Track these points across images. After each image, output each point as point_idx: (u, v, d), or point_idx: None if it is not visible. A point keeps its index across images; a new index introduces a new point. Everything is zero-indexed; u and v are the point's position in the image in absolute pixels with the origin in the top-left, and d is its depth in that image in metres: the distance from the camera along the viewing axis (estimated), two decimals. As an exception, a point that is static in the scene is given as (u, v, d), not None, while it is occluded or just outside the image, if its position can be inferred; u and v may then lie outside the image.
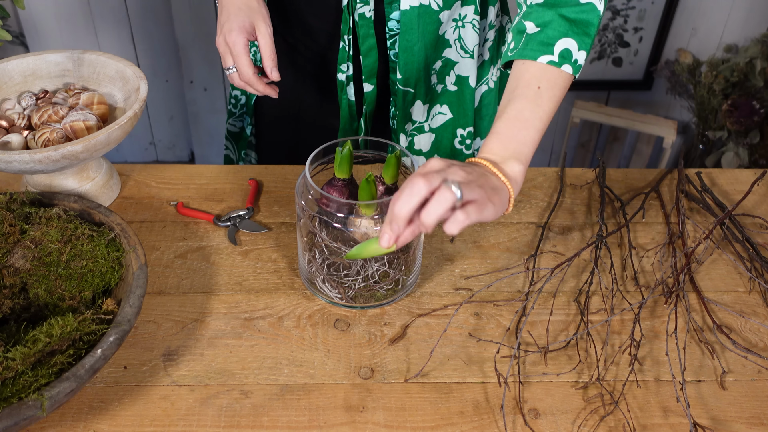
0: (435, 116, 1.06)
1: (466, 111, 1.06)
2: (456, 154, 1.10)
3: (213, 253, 0.89)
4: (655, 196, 1.02)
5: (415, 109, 1.04)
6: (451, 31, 0.99)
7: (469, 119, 1.07)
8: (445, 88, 1.04)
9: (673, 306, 0.83)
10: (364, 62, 1.00)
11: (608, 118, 2.30)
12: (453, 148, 1.09)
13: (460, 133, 1.08)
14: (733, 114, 2.13)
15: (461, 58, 1.01)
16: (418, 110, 1.05)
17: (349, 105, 1.05)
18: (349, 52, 1.00)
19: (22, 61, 0.95)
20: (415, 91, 1.02)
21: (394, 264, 0.79)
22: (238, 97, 1.20)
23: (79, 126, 0.86)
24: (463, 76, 1.03)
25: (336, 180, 0.79)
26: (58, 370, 0.65)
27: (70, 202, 0.82)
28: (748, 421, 0.72)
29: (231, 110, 1.23)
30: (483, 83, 1.07)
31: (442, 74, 1.02)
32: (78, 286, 0.75)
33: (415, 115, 1.05)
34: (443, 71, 1.02)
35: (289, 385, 0.74)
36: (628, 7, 2.22)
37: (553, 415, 0.72)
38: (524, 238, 0.94)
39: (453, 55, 1.01)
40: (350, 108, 1.05)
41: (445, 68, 1.02)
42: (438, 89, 1.04)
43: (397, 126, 1.05)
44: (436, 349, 0.78)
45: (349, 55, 1.00)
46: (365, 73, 1.01)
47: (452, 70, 1.02)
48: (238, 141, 1.26)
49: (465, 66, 1.02)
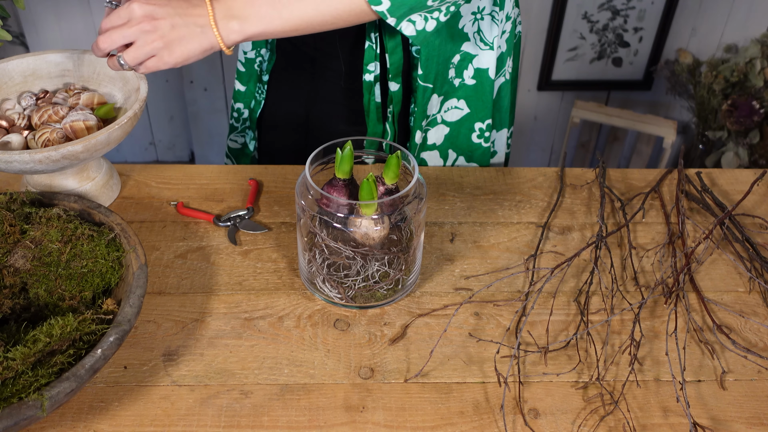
0: (450, 110, 1.06)
1: (485, 103, 1.05)
2: (474, 149, 1.09)
3: (213, 253, 0.89)
4: (655, 196, 1.02)
5: (431, 103, 1.04)
6: (470, 24, 0.99)
7: (489, 111, 1.06)
8: (463, 82, 1.03)
9: (673, 306, 0.83)
10: (391, 60, 0.99)
11: (608, 118, 2.30)
12: (470, 143, 1.09)
13: (479, 127, 1.08)
14: (733, 114, 2.13)
15: (480, 51, 1.01)
16: (434, 103, 1.04)
17: (375, 106, 1.04)
18: (377, 51, 0.99)
19: (22, 61, 0.95)
20: (433, 86, 1.02)
21: (394, 264, 0.79)
22: (240, 111, 1.19)
23: (79, 126, 0.86)
24: (483, 68, 1.03)
25: (336, 180, 0.79)
26: (58, 370, 0.65)
27: (70, 202, 0.82)
28: (748, 421, 0.72)
29: (233, 125, 1.21)
30: (501, 75, 1.07)
31: (460, 68, 1.02)
32: (78, 286, 0.75)
33: (430, 109, 1.05)
34: (461, 65, 1.02)
35: (289, 385, 0.74)
36: (628, 7, 2.22)
37: (553, 415, 0.72)
38: (524, 238, 0.94)
39: (471, 49, 1.01)
40: (377, 110, 1.05)
41: (464, 62, 1.02)
42: (456, 83, 1.03)
43: (414, 123, 1.05)
44: (436, 349, 0.78)
45: (377, 54, 1.00)
46: (392, 71, 1.00)
47: (470, 63, 1.02)
48: (239, 158, 1.25)
49: (485, 58, 1.02)
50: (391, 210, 0.76)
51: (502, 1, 1.00)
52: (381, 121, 1.06)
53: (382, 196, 0.78)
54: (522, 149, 2.60)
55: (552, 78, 2.38)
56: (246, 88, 1.16)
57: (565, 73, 2.37)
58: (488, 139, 1.09)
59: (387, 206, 0.76)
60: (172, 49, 0.80)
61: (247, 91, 1.16)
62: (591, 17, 2.24)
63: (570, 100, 2.45)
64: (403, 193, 0.76)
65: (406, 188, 0.77)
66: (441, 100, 1.04)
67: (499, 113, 1.11)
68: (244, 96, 1.17)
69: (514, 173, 1.05)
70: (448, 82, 1.03)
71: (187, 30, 0.79)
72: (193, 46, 0.80)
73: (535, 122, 2.51)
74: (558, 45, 2.30)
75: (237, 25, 0.80)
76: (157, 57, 0.80)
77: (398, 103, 1.04)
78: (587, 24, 2.26)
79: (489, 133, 1.09)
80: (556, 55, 2.33)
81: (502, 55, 1.05)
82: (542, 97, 2.45)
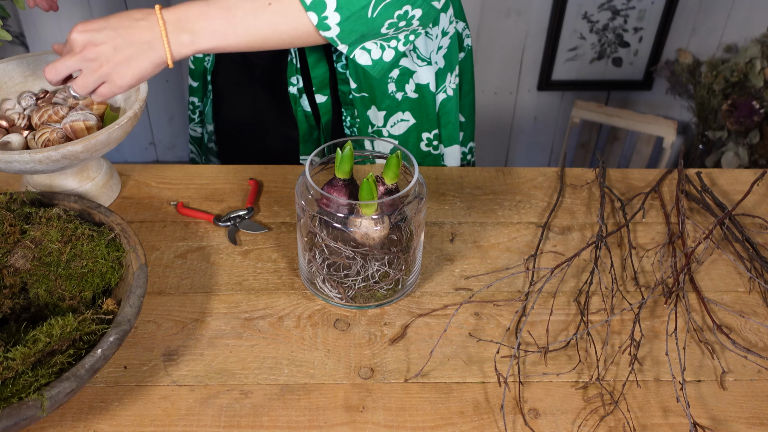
0: (397, 123, 1.05)
1: (429, 115, 1.05)
2: (423, 156, 1.09)
3: (213, 253, 0.89)
4: (655, 196, 1.02)
5: (371, 113, 1.04)
6: None
7: (433, 123, 1.06)
8: (406, 95, 1.03)
9: (673, 306, 0.83)
10: (313, 74, 1.00)
11: (608, 118, 2.30)
12: (420, 151, 1.09)
13: (426, 137, 1.07)
14: (733, 114, 2.13)
15: (418, 67, 1.00)
16: (374, 115, 1.04)
17: (305, 116, 1.05)
18: (297, 65, 1.00)
19: (22, 61, 0.95)
20: (369, 96, 1.01)
21: (394, 264, 0.79)
22: (195, 104, 1.20)
23: (79, 126, 0.86)
24: (422, 83, 1.02)
25: (336, 180, 0.79)
26: (58, 370, 0.65)
27: (70, 202, 0.82)
28: (748, 421, 0.72)
29: (190, 116, 1.23)
30: (441, 91, 1.05)
31: (401, 82, 1.01)
32: (78, 286, 0.75)
33: (373, 119, 1.04)
34: (402, 79, 1.01)
35: (289, 385, 0.74)
36: (628, 7, 2.22)
37: (553, 415, 0.72)
38: (524, 238, 0.94)
39: (409, 64, 1.00)
40: (307, 119, 1.05)
41: (403, 76, 1.01)
42: (398, 97, 1.02)
43: (359, 132, 1.05)
44: (436, 349, 0.78)
45: (297, 68, 1.00)
46: (316, 85, 1.01)
47: (410, 78, 1.01)
48: (201, 145, 1.26)
49: (423, 73, 1.01)
50: (391, 210, 0.76)
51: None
52: (315, 127, 1.07)
53: (382, 196, 0.78)
54: (522, 149, 2.60)
55: (552, 78, 2.38)
56: (198, 84, 1.18)
57: (565, 73, 2.37)
58: (437, 147, 1.09)
59: (387, 206, 0.76)
60: (122, 72, 0.76)
61: (199, 87, 1.18)
62: (591, 17, 2.24)
63: (570, 100, 2.45)
64: (403, 193, 0.76)
65: (406, 188, 0.77)
66: (384, 115, 1.04)
67: (446, 129, 1.09)
68: (197, 91, 1.19)
69: (514, 173, 1.05)
70: (389, 96, 1.02)
71: (133, 49, 0.75)
72: (144, 64, 0.76)
73: (535, 122, 2.51)
74: (558, 45, 2.30)
75: (188, 38, 0.76)
76: (108, 83, 0.76)
77: (327, 113, 1.04)
78: (587, 24, 2.26)
79: (437, 142, 1.08)
80: (556, 55, 2.33)
81: (441, 71, 1.04)
82: (542, 97, 2.45)
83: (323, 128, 1.05)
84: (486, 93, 2.42)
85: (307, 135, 1.07)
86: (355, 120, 1.04)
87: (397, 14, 0.76)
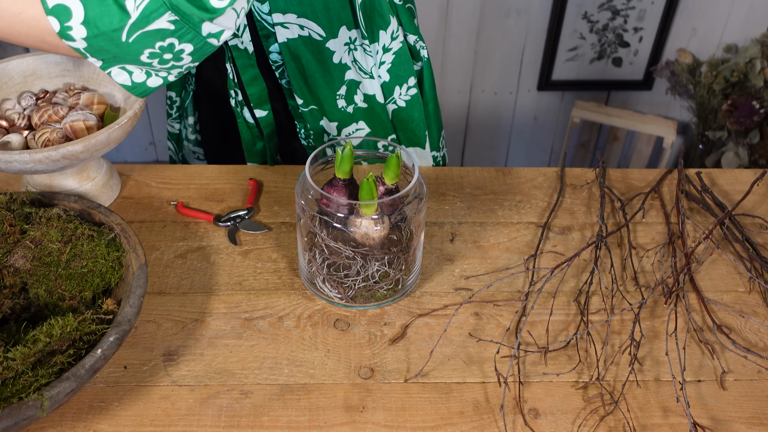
0: (353, 133, 1.05)
1: (383, 123, 1.05)
2: None
3: (213, 253, 0.89)
4: (655, 196, 1.02)
5: (324, 123, 1.04)
6: (346, 54, 0.98)
7: (389, 130, 1.06)
8: (357, 106, 1.03)
9: (673, 306, 0.83)
10: (249, 91, 1.00)
11: (608, 118, 2.31)
12: None
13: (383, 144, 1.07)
14: (733, 114, 2.13)
15: (363, 79, 1.01)
16: (327, 125, 1.04)
17: (248, 126, 1.05)
18: (234, 80, 1.00)
19: (22, 61, 0.95)
20: (319, 109, 1.01)
21: (394, 264, 0.79)
22: (173, 99, 1.20)
23: (79, 126, 0.86)
24: (369, 94, 1.02)
25: (336, 180, 0.79)
26: (58, 370, 0.65)
27: (70, 202, 0.82)
28: (748, 421, 0.72)
29: (168, 111, 1.23)
30: (390, 102, 1.04)
31: (350, 95, 1.01)
32: (78, 286, 0.75)
33: (327, 129, 1.05)
34: (350, 92, 1.01)
35: (289, 385, 0.74)
36: (628, 7, 2.22)
37: (553, 415, 0.72)
38: (524, 238, 0.94)
39: (354, 76, 1.00)
40: (250, 129, 1.06)
41: (351, 89, 1.01)
42: (350, 110, 1.02)
43: (314, 142, 1.05)
44: (436, 349, 0.78)
45: (235, 82, 1.01)
46: (253, 101, 1.01)
47: (358, 89, 1.01)
48: (179, 142, 1.26)
49: (368, 85, 1.01)
50: (391, 210, 0.76)
51: (372, 34, 0.97)
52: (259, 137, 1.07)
53: (382, 196, 0.78)
54: (522, 149, 2.61)
55: (552, 78, 2.38)
56: None
57: (565, 73, 2.38)
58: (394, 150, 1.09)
59: (387, 206, 0.76)
60: None
61: (177, 81, 1.18)
62: (591, 17, 2.24)
63: (570, 100, 2.45)
64: (403, 193, 0.76)
65: (406, 188, 0.77)
66: (337, 126, 1.04)
67: (404, 133, 1.07)
68: (174, 85, 1.19)
69: (514, 173, 1.05)
70: (340, 111, 1.02)
71: None
72: None
73: (535, 122, 2.52)
74: (558, 45, 2.30)
75: None
76: None
77: (269, 126, 1.04)
78: (587, 24, 2.26)
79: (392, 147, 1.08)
80: (556, 55, 2.33)
81: (386, 84, 1.02)
82: (542, 97, 2.45)
83: (267, 138, 1.05)
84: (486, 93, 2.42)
85: (250, 145, 1.07)
86: (309, 132, 1.04)
87: (159, 45, 0.71)
